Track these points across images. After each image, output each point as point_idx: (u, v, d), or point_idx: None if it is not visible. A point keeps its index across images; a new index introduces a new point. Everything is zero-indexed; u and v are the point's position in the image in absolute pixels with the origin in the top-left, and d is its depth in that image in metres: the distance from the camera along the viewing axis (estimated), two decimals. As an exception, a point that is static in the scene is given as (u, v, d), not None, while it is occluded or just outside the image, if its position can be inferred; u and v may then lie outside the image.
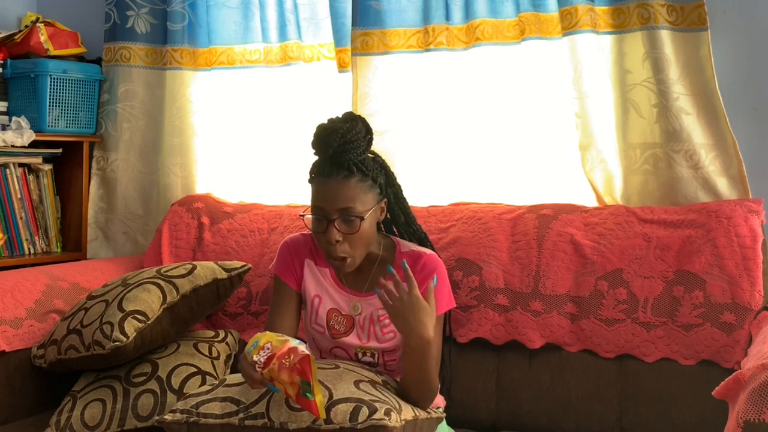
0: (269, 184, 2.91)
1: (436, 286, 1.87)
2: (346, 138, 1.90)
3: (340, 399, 1.73)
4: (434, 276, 1.87)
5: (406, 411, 1.80)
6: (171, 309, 2.26)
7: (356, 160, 1.91)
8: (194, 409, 1.80)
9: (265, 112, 2.91)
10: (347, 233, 1.90)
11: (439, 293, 1.91)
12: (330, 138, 1.91)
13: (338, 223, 1.89)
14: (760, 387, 1.46)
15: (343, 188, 1.90)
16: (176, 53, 2.96)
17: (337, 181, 1.90)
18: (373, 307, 2.00)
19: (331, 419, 1.70)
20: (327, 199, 1.90)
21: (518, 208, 2.44)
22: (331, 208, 1.89)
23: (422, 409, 1.88)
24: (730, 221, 2.18)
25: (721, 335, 2.10)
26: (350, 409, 1.71)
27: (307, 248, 2.07)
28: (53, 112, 2.96)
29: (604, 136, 2.44)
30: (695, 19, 2.29)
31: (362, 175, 1.92)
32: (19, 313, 2.36)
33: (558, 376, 2.23)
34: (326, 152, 1.92)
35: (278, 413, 1.74)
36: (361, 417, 1.69)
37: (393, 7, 2.65)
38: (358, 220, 1.90)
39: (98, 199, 3.09)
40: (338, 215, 1.89)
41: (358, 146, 1.91)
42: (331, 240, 1.89)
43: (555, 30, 2.46)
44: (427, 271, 1.95)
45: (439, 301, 1.91)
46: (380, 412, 1.70)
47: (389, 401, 1.76)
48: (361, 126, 1.94)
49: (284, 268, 2.07)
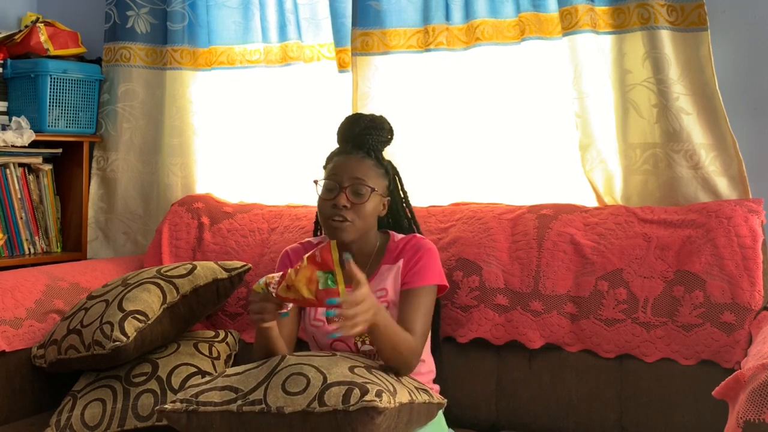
0: (269, 184, 2.91)
1: (425, 262, 2.04)
2: (372, 124, 2.10)
3: (334, 382, 1.75)
4: (348, 256, 1.86)
5: (401, 394, 1.81)
6: (171, 309, 2.26)
7: (375, 147, 2.09)
8: (194, 398, 1.83)
9: (265, 112, 2.91)
10: (355, 202, 2.02)
11: (428, 268, 2.05)
12: (359, 120, 2.12)
13: (348, 192, 2.02)
14: (760, 387, 1.46)
15: (359, 164, 2.06)
16: (176, 53, 2.96)
17: (356, 158, 2.07)
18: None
19: (324, 402, 1.72)
20: (343, 170, 2.05)
21: (518, 208, 2.44)
22: (346, 176, 2.04)
23: (403, 376, 1.93)
24: (730, 221, 2.18)
25: (721, 335, 2.10)
26: (343, 391, 1.73)
27: (306, 252, 2.09)
28: (53, 112, 2.96)
29: (604, 136, 2.44)
30: (695, 19, 2.29)
31: (377, 162, 2.09)
32: (19, 313, 2.36)
33: (558, 376, 2.23)
34: (353, 132, 2.10)
35: (275, 398, 1.76)
36: (353, 399, 1.71)
37: (393, 7, 2.65)
38: (368, 191, 2.03)
39: (98, 199, 3.09)
40: (350, 183, 2.03)
41: (381, 135, 2.11)
42: (338, 204, 2.01)
43: (555, 30, 2.46)
44: (416, 247, 2.08)
45: (428, 274, 2.05)
46: (371, 393, 1.71)
47: (382, 384, 1.78)
48: (386, 122, 2.15)
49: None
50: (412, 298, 2.03)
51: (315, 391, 1.74)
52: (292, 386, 1.77)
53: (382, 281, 2.07)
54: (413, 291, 2.03)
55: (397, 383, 1.85)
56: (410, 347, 1.94)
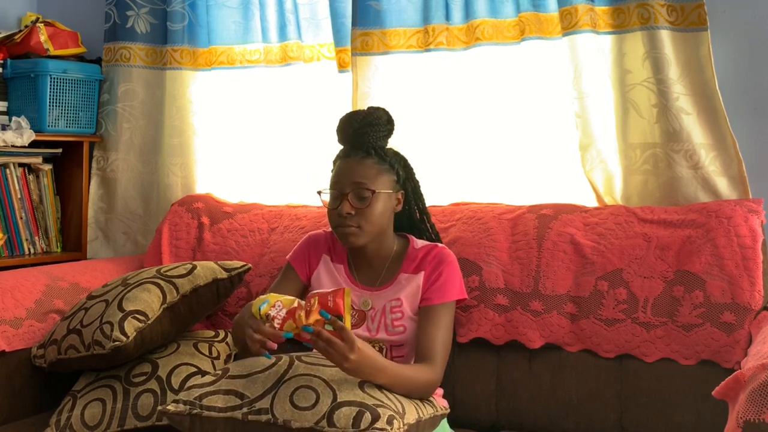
0: (269, 184, 2.91)
1: (446, 277, 2.02)
2: (367, 121, 2.04)
3: (344, 402, 1.73)
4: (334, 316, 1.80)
5: (409, 414, 1.80)
6: (171, 309, 2.26)
7: (375, 144, 2.04)
8: (197, 401, 1.81)
9: (265, 112, 2.91)
10: (359, 208, 1.98)
11: (449, 283, 2.03)
12: (352, 119, 2.06)
13: (351, 197, 1.99)
14: (760, 387, 1.46)
15: (358, 166, 2.01)
16: (176, 53, 2.96)
17: (355, 160, 2.02)
18: (385, 300, 2.06)
19: (333, 422, 1.70)
20: (343, 176, 2.02)
21: (518, 208, 2.44)
22: (346, 182, 2.00)
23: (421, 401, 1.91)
24: (730, 221, 2.17)
25: (721, 335, 2.09)
26: (353, 413, 1.71)
27: (326, 245, 2.17)
28: (53, 112, 2.96)
29: (604, 136, 2.44)
30: (695, 19, 2.29)
31: (379, 158, 2.04)
32: (19, 313, 2.36)
33: (558, 376, 2.23)
34: (347, 132, 2.05)
35: (282, 410, 1.75)
36: (363, 423, 1.69)
37: (393, 7, 2.65)
38: (370, 194, 1.99)
39: (98, 199, 3.09)
40: (351, 189, 1.99)
41: (378, 130, 2.04)
42: (342, 212, 1.99)
43: (555, 30, 2.46)
44: (438, 259, 2.05)
45: (450, 289, 2.03)
46: (383, 420, 1.70)
47: (393, 405, 1.76)
48: (383, 113, 2.08)
49: (299, 257, 2.17)
50: (433, 315, 2.01)
51: (324, 409, 1.72)
52: (301, 400, 1.75)
53: (399, 290, 2.06)
54: (434, 308, 2.02)
55: (404, 398, 1.85)
56: (427, 384, 1.93)
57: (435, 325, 1.99)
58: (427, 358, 1.96)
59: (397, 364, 1.89)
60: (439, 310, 2.02)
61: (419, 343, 1.99)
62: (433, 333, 1.98)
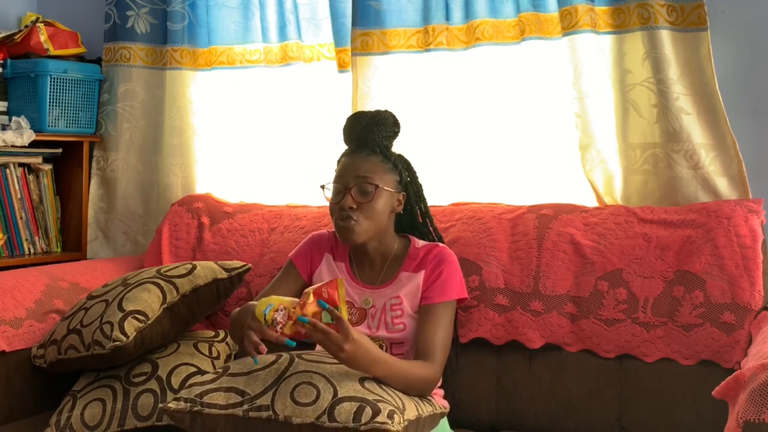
0: (269, 184, 2.91)
1: (446, 276, 2.03)
2: (374, 120, 2.08)
3: (345, 397, 1.74)
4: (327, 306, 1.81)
5: (409, 410, 1.81)
6: (171, 309, 2.26)
7: (381, 143, 2.08)
8: (198, 398, 1.82)
9: (265, 112, 2.91)
10: (362, 202, 2.01)
11: (450, 282, 2.05)
12: (359, 117, 2.11)
13: (354, 192, 2.02)
14: (760, 387, 1.46)
15: (363, 162, 2.05)
16: (176, 53, 2.96)
17: (360, 157, 2.06)
18: (386, 298, 2.08)
19: (334, 417, 1.71)
20: (347, 170, 2.05)
21: (518, 208, 2.44)
22: (350, 176, 2.03)
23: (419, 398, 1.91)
24: (730, 221, 2.17)
25: (721, 335, 2.09)
26: (354, 408, 1.71)
27: (329, 244, 2.19)
28: (53, 112, 2.96)
29: (604, 136, 2.44)
30: (695, 19, 2.29)
31: (384, 157, 2.07)
32: (19, 313, 2.36)
33: (558, 376, 2.23)
34: (354, 130, 2.09)
35: (283, 406, 1.75)
36: (364, 418, 1.70)
37: (393, 7, 2.65)
38: (374, 189, 2.01)
39: (98, 199, 3.09)
40: (355, 183, 2.02)
41: (384, 130, 2.08)
42: (344, 206, 2.01)
43: (555, 30, 2.46)
44: (438, 258, 2.07)
45: (450, 288, 2.05)
46: (383, 414, 1.70)
47: (393, 401, 1.77)
48: (389, 115, 2.12)
49: (301, 255, 2.20)
50: (433, 314, 2.02)
51: (325, 405, 1.73)
52: (302, 396, 1.75)
53: (399, 288, 2.07)
54: (434, 307, 2.03)
55: (404, 395, 1.85)
56: (425, 380, 1.93)
57: (434, 324, 2.00)
58: (425, 355, 1.97)
59: (394, 358, 1.90)
60: (439, 309, 2.03)
61: (418, 341, 2.00)
62: (432, 331, 1.99)
